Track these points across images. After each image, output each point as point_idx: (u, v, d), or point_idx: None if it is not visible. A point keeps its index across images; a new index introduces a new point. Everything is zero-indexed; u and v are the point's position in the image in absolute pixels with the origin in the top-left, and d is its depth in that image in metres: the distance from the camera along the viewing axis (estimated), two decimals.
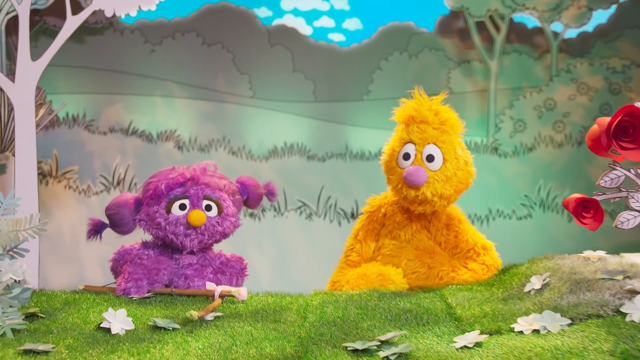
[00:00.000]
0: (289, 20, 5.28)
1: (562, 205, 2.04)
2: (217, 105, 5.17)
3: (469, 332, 1.67)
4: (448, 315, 1.86)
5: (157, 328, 1.79)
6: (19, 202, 2.09)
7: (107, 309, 1.83)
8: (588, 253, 2.04)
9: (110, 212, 2.22)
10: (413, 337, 1.68)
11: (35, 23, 4.91)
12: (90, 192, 4.95)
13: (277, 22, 5.26)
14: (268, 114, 5.19)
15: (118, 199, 2.23)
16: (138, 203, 2.24)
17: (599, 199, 1.90)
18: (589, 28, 5.28)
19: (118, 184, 4.97)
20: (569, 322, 1.63)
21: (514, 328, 1.66)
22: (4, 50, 4.55)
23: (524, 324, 1.66)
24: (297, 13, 5.32)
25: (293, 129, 5.17)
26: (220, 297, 2.05)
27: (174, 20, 5.15)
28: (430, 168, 2.36)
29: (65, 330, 1.76)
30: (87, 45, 4.96)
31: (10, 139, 3.88)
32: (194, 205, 2.18)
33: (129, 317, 1.82)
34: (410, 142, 2.40)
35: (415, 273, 2.39)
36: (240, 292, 2.07)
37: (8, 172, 3.75)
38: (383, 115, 2.77)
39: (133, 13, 3.32)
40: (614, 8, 5.27)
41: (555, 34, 5.22)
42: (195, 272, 2.20)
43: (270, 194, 2.40)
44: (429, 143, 2.37)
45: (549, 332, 1.60)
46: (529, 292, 1.88)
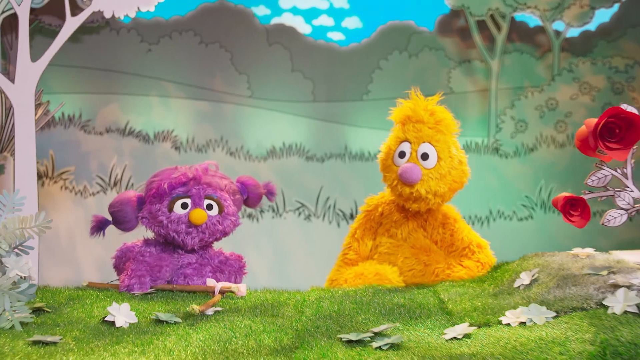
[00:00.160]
0: (288, 19, 5.33)
1: (552, 204, 2.17)
2: (214, 105, 5.22)
3: (459, 324, 1.81)
4: (440, 310, 2.00)
5: (159, 321, 1.93)
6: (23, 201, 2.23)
7: (110, 304, 1.97)
8: (577, 250, 2.18)
9: (114, 209, 2.36)
10: (405, 329, 1.82)
11: (31, 22, 5.00)
12: (87, 192, 5.02)
13: (275, 20, 5.31)
14: (266, 114, 5.23)
15: (121, 197, 2.38)
16: (141, 201, 2.39)
17: (587, 198, 2.04)
18: (592, 27, 5.32)
19: (115, 185, 5.04)
20: (554, 314, 1.77)
21: (502, 321, 1.80)
22: None
23: (511, 317, 1.80)
24: (295, 12, 5.35)
25: (292, 129, 5.22)
26: (220, 293, 2.19)
27: (171, 19, 5.20)
28: (425, 166, 2.50)
29: (71, 324, 1.90)
30: (83, 45, 4.99)
31: (8, 140, 4.01)
32: (196, 204, 2.33)
33: (132, 311, 1.96)
34: (406, 140, 2.54)
35: (412, 270, 2.53)
36: (240, 288, 2.21)
37: (6, 172, 3.88)
38: (383, 116, 2.83)
39: (132, 14, 3.43)
40: (617, 7, 5.32)
41: (557, 33, 5.28)
42: (195, 271, 2.35)
43: (270, 194, 2.55)
44: (424, 142, 2.51)
45: (535, 324, 1.74)
46: (519, 287, 2.02)
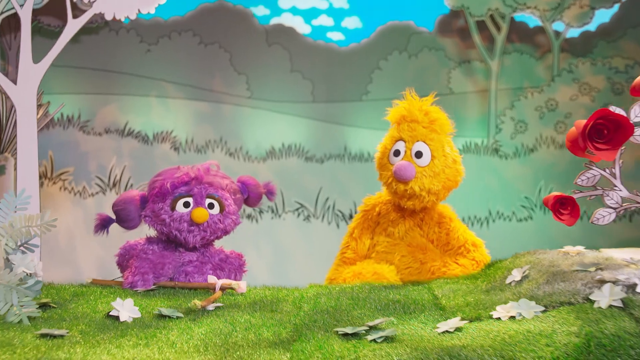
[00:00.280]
0: (287, 19, 5.40)
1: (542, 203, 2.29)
2: (214, 106, 5.29)
3: (452, 319, 1.92)
4: (434, 305, 2.11)
5: (162, 316, 2.04)
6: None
7: (114, 300, 2.08)
8: (568, 248, 2.29)
9: (117, 208, 2.49)
10: (399, 323, 1.93)
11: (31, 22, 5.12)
12: (86, 193, 5.10)
13: (274, 20, 5.38)
14: (265, 115, 5.31)
15: (125, 196, 2.51)
16: (144, 200, 2.51)
17: (576, 197, 2.16)
18: (592, 27, 5.41)
19: (114, 186, 5.12)
20: (543, 309, 1.88)
21: (493, 315, 1.91)
22: None
23: (502, 311, 1.91)
24: (295, 11, 5.43)
25: (291, 130, 5.30)
26: (221, 289, 2.30)
27: (170, 20, 5.28)
28: (419, 164, 2.62)
29: (77, 318, 2.01)
30: (82, 45, 5.05)
31: (9, 141, 4.13)
32: (198, 204, 2.44)
33: (135, 306, 2.07)
34: (401, 139, 2.66)
35: (409, 268, 2.65)
36: (240, 285, 2.33)
37: (7, 173, 4.00)
38: (382, 116, 2.91)
39: (132, 16, 3.54)
40: (617, 7, 5.41)
41: (557, 34, 5.37)
42: (195, 268, 2.47)
43: (270, 193, 2.67)
44: (418, 140, 2.64)
45: (524, 318, 1.86)
46: (510, 283, 2.13)
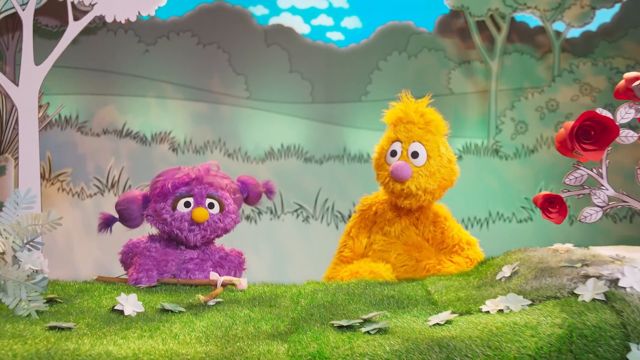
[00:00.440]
0: (286, 19, 5.54)
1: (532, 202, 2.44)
2: (212, 107, 5.43)
3: (443, 312, 2.06)
4: (427, 301, 2.26)
5: (164, 311, 2.19)
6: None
7: (118, 295, 2.23)
8: (557, 246, 2.44)
9: (120, 207, 2.64)
10: (393, 317, 2.08)
11: None
12: (84, 194, 5.25)
13: (273, 20, 5.52)
14: (264, 115, 5.45)
15: (127, 195, 2.66)
16: (146, 199, 2.66)
17: (564, 196, 2.31)
18: (593, 27, 5.55)
19: (112, 187, 5.27)
20: (530, 302, 2.02)
21: (482, 309, 2.06)
22: None
23: (491, 305, 2.05)
24: (294, 11, 5.57)
25: (290, 131, 5.44)
26: (223, 286, 2.45)
27: (169, 20, 5.42)
28: (415, 164, 2.78)
29: (83, 312, 2.16)
30: (80, 45, 5.15)
31: (9, 141, 4.28)
32: (198, 203, 2.60)
33: (139, 301, 2.22)
34: (397, 140, 2.82)
35: (404, 266, 2.81)
36: (241, 282, 2.48)
37: (7, 173, 4.15)
38: (381, 117, 3.05)
39: (133, 18, 3.70)
40: (618, 7, 5.57)
41: (558, 34, 5.52)
42: (196, 266, 2.62)
43: (269, 192, 2.83)
44: (414, 141, 2.80)
45: (511, 311, 2.00)
46: (500, 279, 2.28)
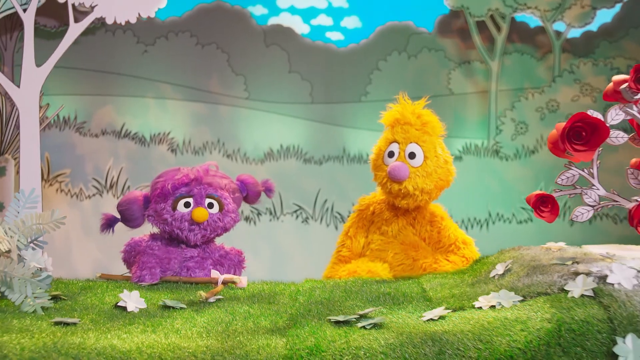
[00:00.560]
0: (285, 19, 5.64)
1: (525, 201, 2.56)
2: (211, 107, 5.54)
3: (437, 308, 2.17)
4: (422, 298, 2.38)
5: (166, 307, 2.30)
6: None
7: (120, 293, 2.34)
8: (550, 244, 2.55)
9: (122, 208, 2.76)
10: (388, 313, 2.19)
11: None
12: (83, 195, 5.36)
13: (273, 20, 5.62)
14: (264, 116, 5.56)
15: (128, 196, 2.78)
16: (147, 200, 2.78)
17: (556, 195, 2.42)
18: (594, 27, 5.66)
19: (111, 188, 5.38)
20: (521, 298, 2.14)
21: (475, 305, 2.17)
22: None
23: (483, 301, 2.17)
24: (293, 11, 5.67)
25: (289, 131, 5.55)
26: (223, 283, 2.57)
27: (168, 20, 5.53)
28: (412, 164, 2.90)
29: (87, 309, 2.28)
30: (78, 46, 5.17)
31: (9, 142, 4.40)
32: (198, 203, 2.71)
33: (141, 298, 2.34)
34: (395, 141, 2.94)
35: (401, 265, 2.93)
36: (242, 279, 2.60)
37: (8, 174, 4.27)
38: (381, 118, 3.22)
39: (133, 20, 3.82)
40: (619, 7, 5.69)
41: (558, 34, 5.63)
42: (197, 264, 2.74)
43: (268, 190, 2.94)
44: (411, 142, 2.92)
45: (503, 306, 2.11)
46: (494, 277, 2.39)
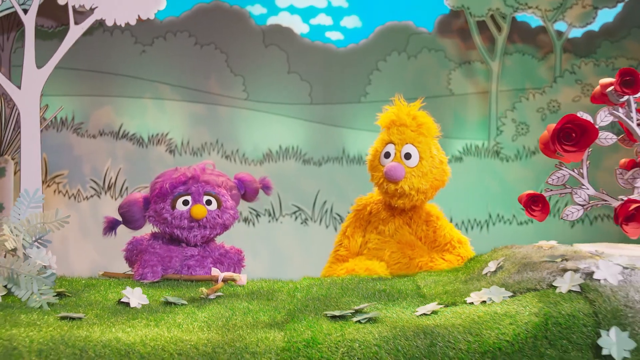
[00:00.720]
0: (285, 19, 5.77)
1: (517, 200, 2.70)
2: (210, 108, 5.68)
3: (430, 304, 2.32)
4: (416, 294, 2.52)
5: (168, 303, 2.45)
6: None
7: (123, 289, 2.49)
8: (542, 243, 2.69)
9: (123, 210, 2.91)
10: (383, 308, 2.34)
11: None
12: (81, 196, 5.49)
13: (272, 20, 5.75)
14: (263, 117, 5.69)
15: (129, 198, 2.93)
16: (147, 201, 2.92)
17: (547, 195, 2.57)
18: (595, 27, 5.78)
19: (109, 189, 5.53)
20: (511, 294, 2.28)
21: (467, 300, 2.31)
22: None
23: (475, 297, 2.31)
24: (293, 10, 5.80)
25: (288, 132, 5.68)
26: (223, 281, 2.71)
27: (166, 20, 5.66)
28: (408, 165, 3.05)
29: (91, 305, 2.42)
30: (75, 46, 5.26)
31: (9, 143, 4.56)
32: (196, 201, 2.86)
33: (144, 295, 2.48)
34: (391, 142, 3.10)
35: (398, 264, 3.08)
36: (241, 277, 2.74)
37: (7, 175, 4.42)
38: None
39: (133, 22, 3.96)
40: (621, 7, 5.81)
41: (559, 34, 5.75)
42: (197, 262, 2.89)
43: (266, 188, 3.09)
44: (407, 143, 3.08)
45: (493, 302, 2.26)
46: (486, 274, 2.54)
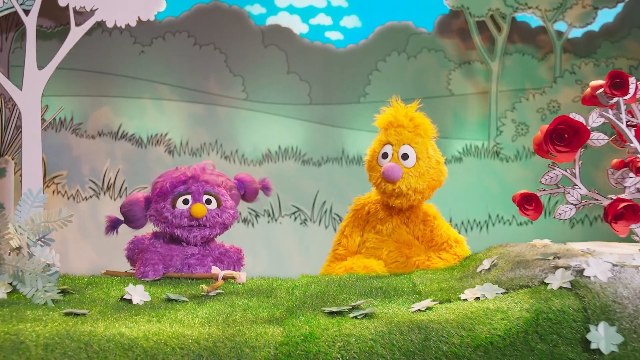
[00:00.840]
0: (284, 18, 5.86)
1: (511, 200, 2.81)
2: (209, 108, 5.77)
3: (424, 300, 2.43)
4: (412, 291, 2.64)
5: (169, 300, 2.56)
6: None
7: (125, 287, 2.60)
8: (536, 241, 2.81)
9: (124, 209, 3.03)
10: (379, 305, 2.45)
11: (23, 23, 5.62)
12: (80, 197, 5.58)
13: (271, 20, 5.85)
14: (262, 117, 5.78)
15: (130, 198, 3.05)
16: (148, 201, 3.04)
17: (540, 195, 2.68)
18: (595, 27, 5.89)
19: (108, 189, 5.63)
20: (504, 291, 2.39)
21: (461, 297, 2.43)
22: None
23: (469, 294, 2.42)
24: (292, 10, 5.89)
25: (288, 133, 5.78)
26: (224, 279, 2.83)
27: (165, 20, 5.74)
28: (405, 165, 3.17)
29: (94, 302, 2.54)
30: (74, 46, 5.53)
31: (9, 143, 4.67)
32: (196, 200, 2.98)
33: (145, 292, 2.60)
34: (388, 143, 3.21)
35: (395, 262, 3.20)
36: (241, 275, 2.86)
37: (7, 175, 4.53)
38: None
39: (133, 24, 4.06)
40: (621, 7, 5.90)
41: (559, 34, 5.85)
42: (197, 261, 3.00)
43: (266, 188, 3.20)
44: (404, 144, 3.19)
45: (487, 298, 2.37)
46: (481, 272, 2.65)
